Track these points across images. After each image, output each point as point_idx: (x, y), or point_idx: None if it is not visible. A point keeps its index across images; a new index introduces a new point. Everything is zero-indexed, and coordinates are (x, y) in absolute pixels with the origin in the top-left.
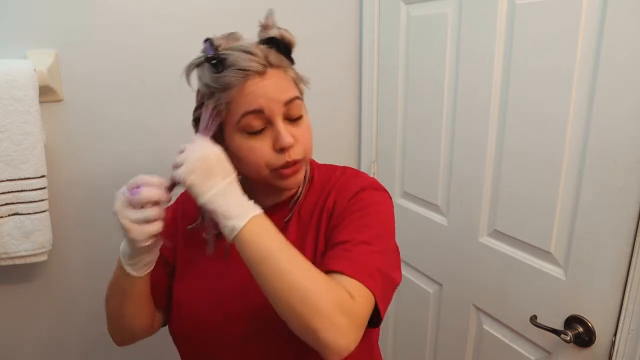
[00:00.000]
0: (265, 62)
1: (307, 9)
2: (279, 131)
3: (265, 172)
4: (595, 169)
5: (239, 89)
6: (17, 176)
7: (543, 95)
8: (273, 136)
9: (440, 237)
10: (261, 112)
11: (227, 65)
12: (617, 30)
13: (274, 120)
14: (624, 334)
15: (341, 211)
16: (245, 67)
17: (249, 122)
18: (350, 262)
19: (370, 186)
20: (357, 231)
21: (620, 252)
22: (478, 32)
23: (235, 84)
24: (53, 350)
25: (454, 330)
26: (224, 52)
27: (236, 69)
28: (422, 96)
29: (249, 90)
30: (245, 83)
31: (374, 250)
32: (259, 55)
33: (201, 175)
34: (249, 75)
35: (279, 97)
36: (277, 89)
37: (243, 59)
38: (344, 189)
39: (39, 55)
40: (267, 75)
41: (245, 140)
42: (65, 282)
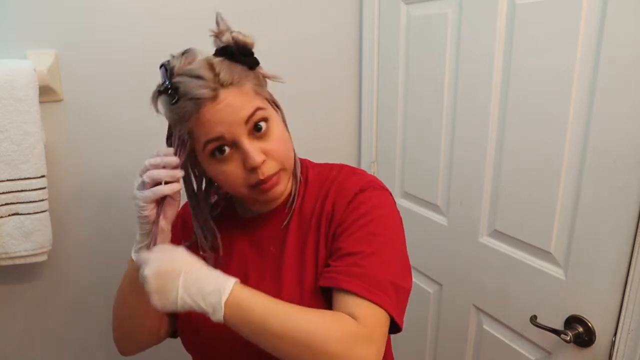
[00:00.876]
0: (215, 84)
1: (307, 9)
2: (246, 152)
3: (244, 191)
4: (595, 169)
5: (196, 118)
6: (17, 176)
7: (543, 95)
8: (242, 156)
9: (440, 237)
10: (222, 138)
11: (181, 95)
12: (617, 30)
13: (239, 141)
14: (624, 334)
15: (342, 216)
16: (197, 95)
17: (212, 147)
18: (362, 281)
19: (369, 186)
20: (364, 242)
21: (620, 252)
22: (478, 32)
23: (191, 114)
24: (53, 350)
25: (454, 330)
26: (176, 80)
27: (188, 98)
28: (422, 96)
29: (205, 118)
30: (200, 111)
31: (383, 260)
32: (208, 78)
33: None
34: (202, 102)
35: (236, 118)
36: (232, 110)
37: (193, 86)
38: (341, 190)
39: (39, 55)
40: (220, 99)
41: (216, 165)
42: (65, 282)
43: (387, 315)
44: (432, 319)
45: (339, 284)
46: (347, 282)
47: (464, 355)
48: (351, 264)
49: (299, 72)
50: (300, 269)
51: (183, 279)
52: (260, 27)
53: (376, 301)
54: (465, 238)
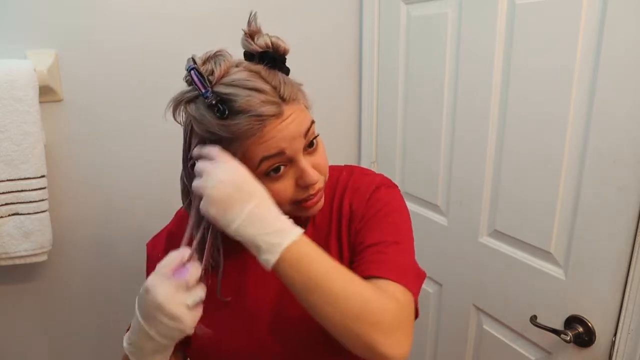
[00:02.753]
0: (278, 99)
1: (307, 9)
2: (303, 169)
3: (287, 208)
4: (595, 169)
5: (258, 137)
6: (17, 176)
7: (543, 95)
8: (296, 173)
9: (440, 237)
10: (282, 154)
11: (237, 110)
12: (617, 30)
13: (296, 157)
14: (624, 334)
15: (361, 213)
16: (261, 112)
17: (269, 166)
18: (389, 267)
19: (382, 184)
20: (386, 232)
21: (620, 252)
22: (478, 32)
23: (252, 133)
24: (53, 350)
25: (454, 330)
26: (225, 90)
27: (251, 115)
28: (422, 96)
29: (270, 135)
30: (263, 130)
31: (404, 249)
32: (269, 92)
33: (219, 208)
34: (266, 120)
35: (299, 132)
36: (296, 126)
37: (256, 102)
38: (357, 190)
39: (39, 55)
40: (285, 115)
41: (267, 183)
42: (65, 282)
43: (413, 300)
44: (432, 319)
45: (368, 272)
46: (374, 268)
47: (464, 355)
48: (374, 252)
49: (299, 72)
50: None
51: (255, 204)
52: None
53: (404, 284)
54: (465, 238)
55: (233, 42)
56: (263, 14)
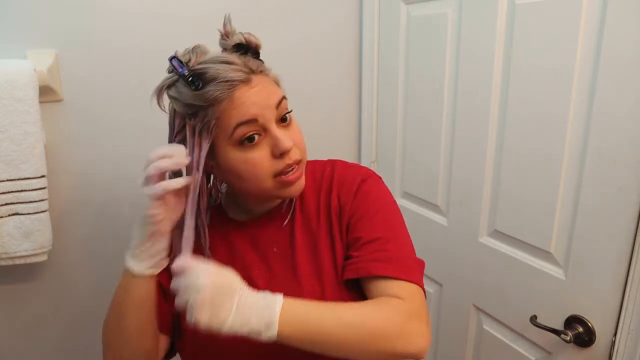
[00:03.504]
0: (247, 69)
1: (307, 9)
2: (276, 136)
3: (268, 183)
4: (595, 169)
5: (228, 102)
6: (17, 176)
7: (543, 95)
8: (270, 143)
9: (440, 237)
10: (255, 121)
11: (209, 80)
12: (617, 30)
13: (269, 126)
14: (624, 334)
15: (351, 207)
16: (230, 77)
17: (243, 132)
18: (391, 265)
19: (367, 176)
20: (381, 227)
21: (620, 252)
22: (478, 32)
23: (223, 97)
24: (52, 350)
25: (454, 330)
26: (200, 66)
27: (220, 81)
28: (422, 96)
29: (240, 100)
30: (233, 94)
31: (402, 242)
32: (238, 63)
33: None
34: (235, 85)
35: (269, 102)
36: (266, 94)
37: (224, 69)
38: (343, 183)
39: (39, 55)
40: (253, 83)
41: (242, 153)
42: (65, 282)
43: (421, 290)
44: (432, 319)
45: (371, 272)
46: (379, 268)
47: (464, 355)
48: (375, 250)
49: (299, 72)
50: (317, 265)
51: (239, 298)
52: (259, 27)
53: (411, 279)
54: (465, 238)
55: None
56: (263, 14)
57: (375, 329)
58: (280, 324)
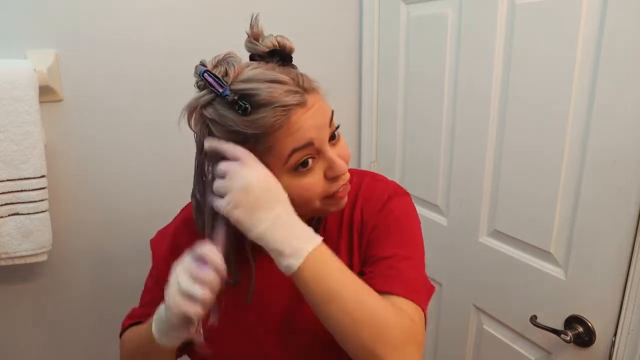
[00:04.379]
0: (299, 89)
1: (307, 8)
2: (332, 159)
3: (317, 204)
4: (595, 169)
5: (285, 129)
6: (17, 176)
7: (543, 96)
8: (324, 165)
9: (440, 237)
10: (311, 145)
11: (261, 104)
12: (617, 30)
13: (323, 148)
14: (624, 334)
15: (373, 223)
16: (286, 102)
17: (298, 158)
18: (401, 283)
19: (395, 193)
20: (398, 245)
21: (620, 252)
22: (478, 32)
23: (280, 125)
24: (53, 350)
25: (454, 330)
26: (248, 87)
27: (276, 106)
28: (422, 96)
29: (297, 126)
30: (289, 119)
31: (416, 263)
32: (290, 83)
33: (246, 210)
34: (291, 110)
35: (324, 122)
36: (321, 115)
37: (278, 92)
38: (369, 198)
39: (39, 55)
40: (309, 104)
41: (296, 179)
42: (65, 282)
43: (423, 316)
44: (432, 319)
45: (379, 287)
46: (387, 284)
47: (464, 355)
48: (387, 267)
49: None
50: None
51: (281, 210)
52: None
53: (416, 301)
54: (465, 238)
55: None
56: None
57: (381, 327)
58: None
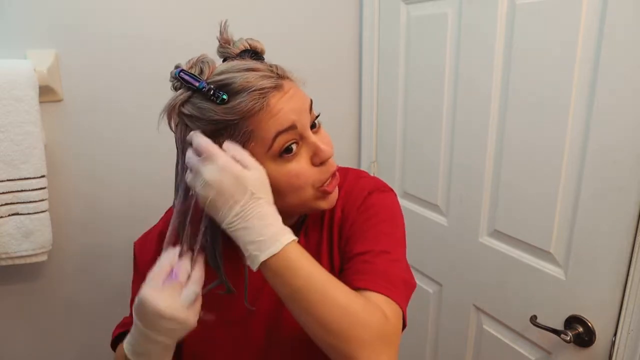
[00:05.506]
0: (275, 74)
1: (307, 9)
2: (315, 144)
3: (309, 194)
4: (595, 169)
5: (265, 111)
6: (17, 176)
7: (543, 95)
8: (308, 151)
9: (440, 237)
10: (294, 128)
11: (237, 90)
12: (617, 30)
13: (306, 133)
14: (624, 334)
15: (352, 220)
16: (262, 85)
17: (283, 142)
18: (377, 278)
19: (376, 188)
20: (375, 240)
21: (620, 252)
22: (478, 32)
23: (258, 107)
24: (52, 350)
25: (454, 330)
26: (223, 78)
27: (252, 90)
28: (422, 96)
29: (277, 108)
30: (268, 102)
31: (394, 258)
32: (264, 69)
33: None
34: (269, 92)
35: (304, 106)
36: (299, 99)
37: (253, 77)
38: (349, 194)
39: (39, 55)
40: (285, 88)
41: (281, 165)
42: (65, 282)
43: (401, 312)
44: (432, 319)
45: (353, 283)
46: (359, 279)
47: (464, 355)
48: (362, 262)
49: (298, 72)
50: None
51: (249, 199)
52: (258, 27)
53: (392, 297)
54: (465, 238)
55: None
56: (261, 14)
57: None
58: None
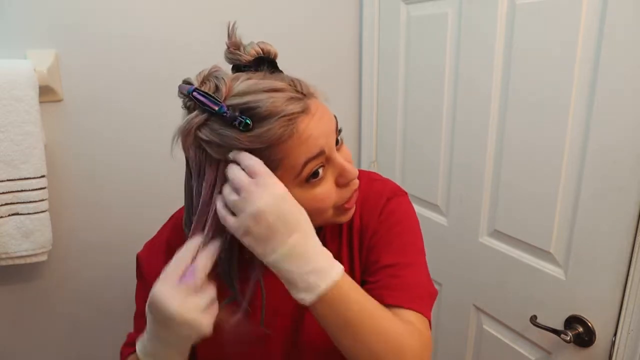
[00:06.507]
0: (300, 94)
1: (307, 8)
2: (342, 165)
3: (329, 214)
4: (595, 169)
5: (294, 138)
6: (17, 176)
7: (543, 95)
8: (333, 172)
9: (440, 237)
10: (323, 153)
11: (264, 116)
12: (617, 30)
13: (333, 155)
14: (624, 334)
15: (374, 227)
16: (291, 110)
17: (312, 168)
18: (407, 294)
19: (394, 194)
20: (401, 252)
21: (620, 252)
22: (478, 32)
23: (287, 135)
24: (52, 350)
25: (454, 330)
26: (246, 101)
27: (281, 116)
28: (422, 96)
29: (306, 134)
30: (297, 128)
31: (418, 269)
32: (289, 90)
33: (256, 239)
34: (297, 118)
35: (331, 127)
36: (328, 121)
37: (279, 100)
38: (367, 200)
39: (39, 55)
40: (312, 110)
41: (308, 191)
42: (65, 282)
43: (428, 324)
44: (432, 319)
45: (385, 300)
46: (392, 297)
47: (464, 355)
48: (390, 276)
49: (298, 73)
50: None
51: (297, 239)
52: (258, 27)
53: (421, 311)
54: (465, 238)
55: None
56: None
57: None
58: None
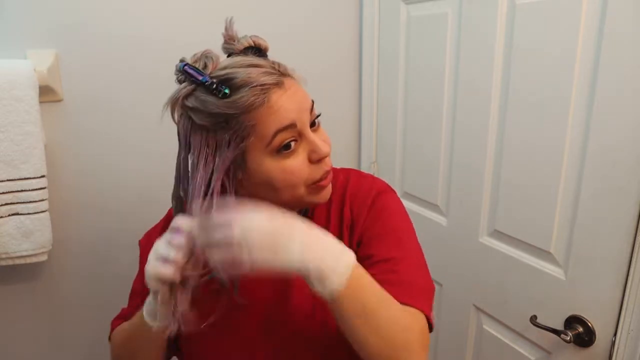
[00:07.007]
0: (277, 72)
1: (307, 8)
2: (314, 142)
3: (301, 191)
4: (595, 169)
5: (265, 107)
6: (17, 176)
7: (543, 96)
8: (306, 149)
9: (440, 237)
10: (294, 127)
11: (239, 85)
12: (617, 30)
13: (305, 131)
14: (624, 334)
15: (364, 223)
16: (264, 81)
17: (282, 139)
18: (403, 289)
19: (383, 190)
20: (395, 246)
21: (620, 252)
22: (478, 32)
23: (259, 103)
24: (52, 350)
25: (454, 330)
26: (226, 73)
27: (254, 85)
28: (422, 96)
29: (277, 105)
30: (269, 99)
31: (414, 263)
32: (267, 65)
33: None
34: (270, 89)
35: (304, 105)
36: (300, 97)
37: (255, 73)
38: (356, 195)
39: (39, 55)
40: (286, 86)
41: (279, 161)
42: (65, 282)
43: (426, 320)
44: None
45: None
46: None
47: (464, 355)
48: (386, 270)
49: (298, 72)
50: None
51: (301, 234)
52: (258, 27)
53: (418, 307)
54: (465, 238)
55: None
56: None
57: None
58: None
